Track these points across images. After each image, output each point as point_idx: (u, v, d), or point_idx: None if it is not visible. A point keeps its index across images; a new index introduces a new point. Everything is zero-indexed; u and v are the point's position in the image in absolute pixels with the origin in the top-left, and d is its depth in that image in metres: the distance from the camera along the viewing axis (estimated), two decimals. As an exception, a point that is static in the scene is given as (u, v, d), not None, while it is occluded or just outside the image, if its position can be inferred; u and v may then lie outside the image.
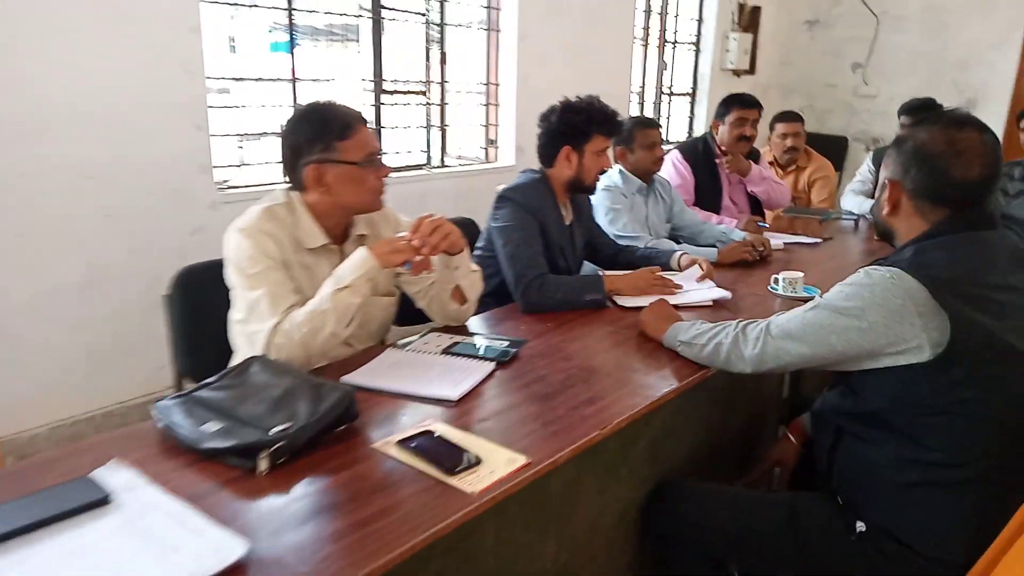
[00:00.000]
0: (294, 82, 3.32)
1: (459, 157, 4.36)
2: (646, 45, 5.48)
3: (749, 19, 6.07)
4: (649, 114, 5.70)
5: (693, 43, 5.96)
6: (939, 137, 1.34)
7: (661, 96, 5.82)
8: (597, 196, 2.66)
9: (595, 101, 2.20)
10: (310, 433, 1.23)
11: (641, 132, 2.77)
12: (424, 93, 4.05)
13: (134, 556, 0.94)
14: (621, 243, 2.54)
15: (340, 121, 1.60)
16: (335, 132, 1.59)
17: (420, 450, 1.24)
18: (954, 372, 1.25)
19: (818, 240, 3.04)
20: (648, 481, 1.63)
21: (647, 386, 1.54)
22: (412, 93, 4.00)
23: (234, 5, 3.09)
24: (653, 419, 1.49)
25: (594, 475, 1.50)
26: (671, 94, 5.94)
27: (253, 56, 3.21)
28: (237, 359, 1.70)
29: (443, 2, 3.99)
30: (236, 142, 3.38)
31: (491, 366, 1.59)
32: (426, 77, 4.03)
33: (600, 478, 1.52)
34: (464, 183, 4.08)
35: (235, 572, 0.93)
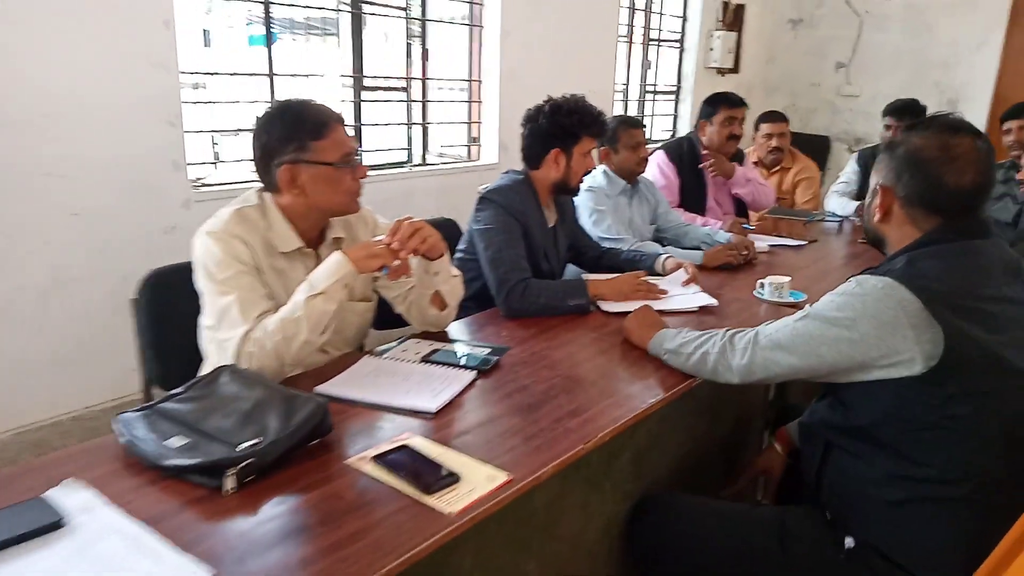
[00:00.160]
0: (271, 77, 3.24)
1: (441, 155, 4.30)
2: (630, 43, 5.44)
3: (733, 17, 6.06)
4: (633, 112, 5.66)
5: (677, 41, 5.94)
6: (933, 143, 1.31)
7: (645, 94, 5.78)
8: (581, 197, 2.61)
9: (583, 101, 2.15)
10: (280, 449, 1.17)
11: (626, 132, 2.72)
12: (405, 90, 3.98)
13: (86, 588, 0.88)
14: (605, 245, 2.49)
15: (315, 120, 1.53)
16: (309, 131, 1.52)
17: (396, 467, 1.19)
18: (947, 386, 1.21)
19: (803, 242, 3.02)
20: (632, 494, 1.59)
21: (632, 396, 1.49)
22: (393, 89, 3.93)
23: (209, -3, 3.01)
24: (638, 430, 1.45)
25: (577, 490, 1.45)
26: (655, 92, 5.90)
27: (230, 50, 3.11)
28: (208, 367, 1.64)
29: (425, -3, 3.93)
30: (211, 139, 3.29)
31: (472, 375, 1.53)
32: (407, 73, 3.96)
33: (583, 492, 1.47)
34: (446, 182, 4.01)
35: (195, 605, 0.88)
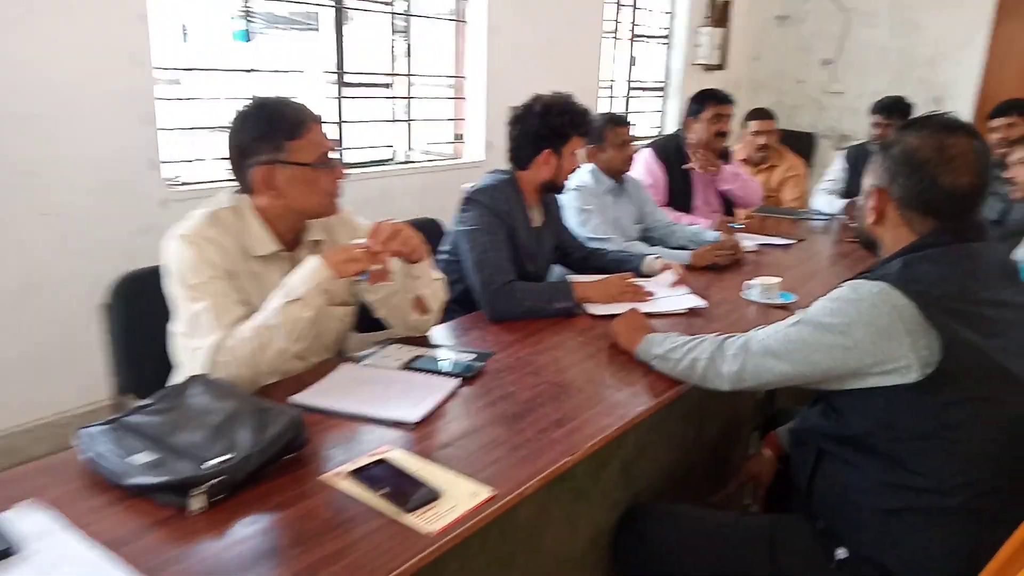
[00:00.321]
0: (250, 73, 3.17)
1: (425, 153, 4.24)
2: (616, 39, 5.40)
3: (720, 13, 6.03)
4: (619, 110, 5.62)
5: (664, 37, 5.90)
6: (928, 143, 1.27)
7: (631, 91, 5.74)
8: (566, 196, 2.57)
9: (572, 100, 2.11)
10: (252, 466, 1.12)
11: (612, 130, 2.68)
12: (389, 86, 3.92)
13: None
14: (591, 246, 2.45)
15: (290, 119, 1.47)
16: (285, 131, 1.46)
17: (374, 483, 1.14)
18: (943, 394, 1.18)
19: (791, 241, 2.99)
20: (620, 504, 1.55)
21: (619, 404, 1.45)
22: (376, 86, 3.86)
23: (185, -9, 2.93)
24: (626, 439, 1.41)
25: (563, 501, 1.41)
26: (641, 89, 5.86)
27: (209, 46, 3.03)
28: (180, 375, 1.58)
29: (408, -9, 3.86)
30: (188, 136, 3.21)
31: (455, 383, 1.49)
32: (391, 69, 3.89)
33: (570, 504, 1.43)
34: (430, 180, 3.95)
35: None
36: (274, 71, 3.34)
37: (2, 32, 2.31)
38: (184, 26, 3.03)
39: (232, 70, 3.14)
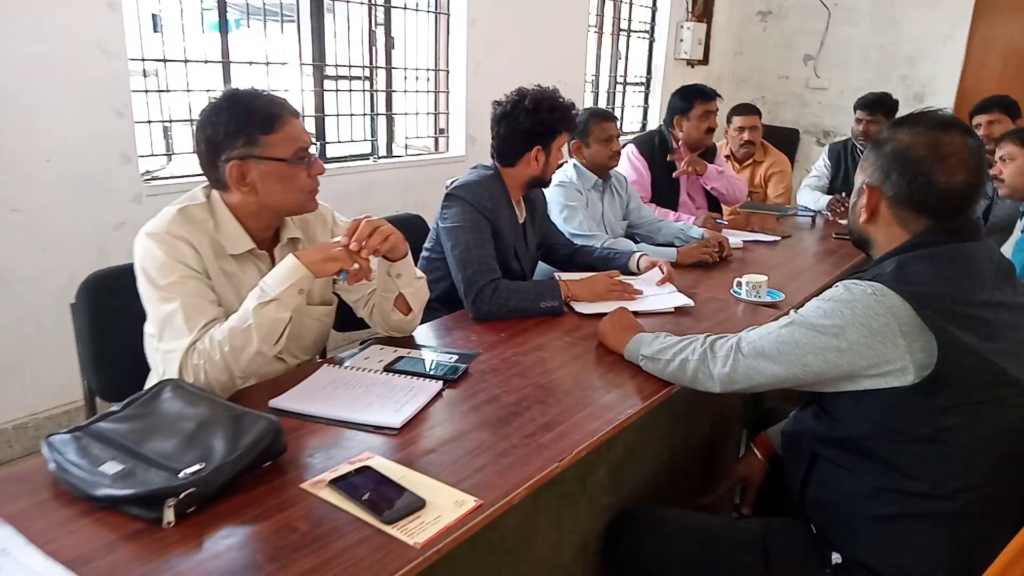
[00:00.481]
0: (227, 65, 3.09)
1: (407, 147, 4.18)
2: (600, 33, 5.36)
3: (702, 8, 6.01)
4: (603, 104, 5.59)
5: (647, 32, 5.87)
6: (922, 140, 1.24)
7: (615, 86, 5.71)
8: (551, 192, 2.53)
9: (559, 95, 2.06)
10: (226, 476, 1.07)
11: (597, 125, 2.64)
12: (369, 79, 3.85)
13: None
14: (577, 242, 2.41)
15: (264, 112, 1.41)
16: (259, 125, 1.40)
17: (355, 492, 1.09)
18: (940, 397, 1.15)
19: (776, 238, 2.97)
20: (608, 510, 1.51)
21: (608, 407, 1.41)
22: (356, 79, 3.79)
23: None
24: (614, 443, 1.37)
25: (551, 508, 1.37)
26: (625, 84, 5.83)
27: (184, 36, 2.95)
28: (154, 378, 1.52)
29: (389, -17, 3.79)
30: (164, 129, 3.12)
31: (438, 386, 1.44)
32: (371, 62, 3.82)
33: (557, 510, 1.39)
34: (412, 174, 3.89)
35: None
36: (252, 63, 3.26)
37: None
38: (156, 16, 2.93)
39: (209, 62, 3.06)
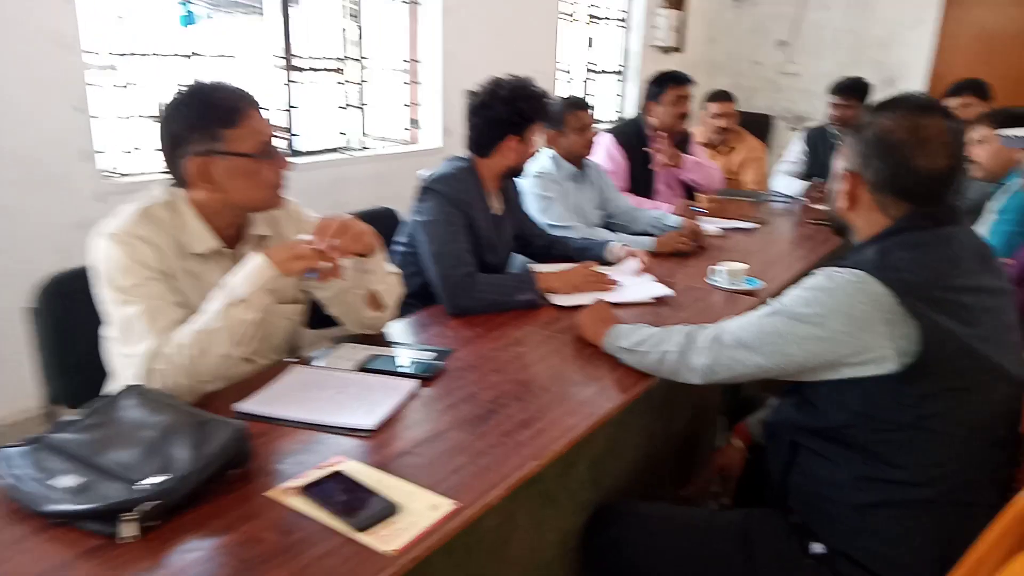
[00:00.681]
0: (192, 58, 3.01)
1: (380, 140, 4.11)
2: (573, 21, 5.31)
3: (677, -5, 5.98)
4: (578, 93, 5.54)
5: (621, 19, 5.83)
6: (902, 125, 1.22)
7: (589, 74, 5.67)
8: (527, 183, 2.49)
9: (533, 84, 2.02)
10: (190, 486, 1.02)
11: (572, 114, 2.60)
12: (340, 71, 3.77)
13: None
14: (554, 233, 2.37)
15: (226, 105, 1.35)
16: (221, 118, 1.34)
17: (326, 499, 1.05)
18: (921, 384, 1.14)
19: (753, 224, 2.96)
20: (588, 505, 1.48)
21: (587, 402, 1.38)
22: (326, 71, 3.72)
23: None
24: (594, 437, 1.34)
25: (530, 507, 1.33)
26: (600, 72, 5.80)
27: (147, 30, 2.86)
28: (115, 384, 1.46)
29: (358, -29, 3.71)
30: (126, 126, 3.03)
31: (413, 384, 1.40)
32: (342, 54, 3.75)
33: (536, 508, 1.36)
34: (385, 167, 3.83)
35: None
36: (218, 56, 3.17)
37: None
38: (117, 9, 2.84)
39: (172, 55, 2.97)
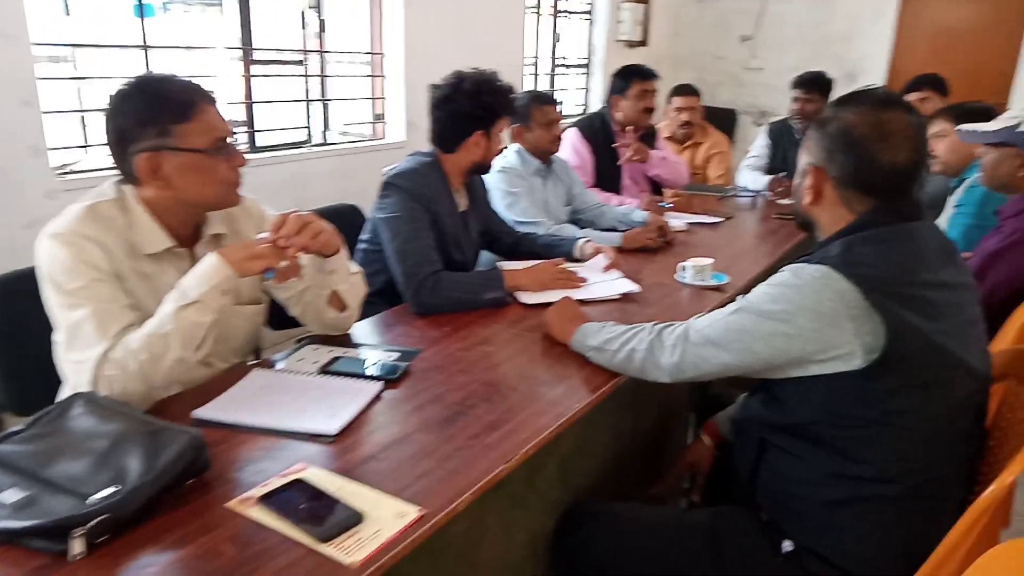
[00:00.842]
0: (148, 50, 2.91)
1: (343, 134, 4.04)
2: (539, 14, 5.28)
3: (641, -11, 5.99)
4: (544, 87, 5.52)
5: (586, 13, 5.82)
6: (866, 119, 1.22)
7: (556, 68, 5.65)
8: (492, 178, 2.46)
9: (498, 78, 1.99)
10: (142, 499, 0.98)
11: (539, 109, 2.57)
12: (301, 63, 3.70)
13: None
14: (521, 230, 2.35)
15: (177, 99, 1.30)
16: (172, 113, 1.29)
17: (286, 508, 1.02)
18: (888, 380, 1.14)
19: (719, 219, 2.97)
20: (558, 505, 1.47)
21: (556, 402, 1.36)
22: (288, 63, 3.64)
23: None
24: (563, 437, 1.32)
25: (498, 510, 1.31)
26: (565, 65, 5.78)
27: (100, 21, 2.76)
28: (67, 391, 1.41)
29: (319, -38, 3.64)
30: (80, 120, 2.93)
31: (378, 387, 1.37)
32: (303, 46, 3.67)
33: (505, 510, 1.33)
34: (349, 162, 3.77)
35: None
36: (173, 47, 3.08)
37: None
38: (67, -2, 2.74)
39: (126, 46, 2.87)
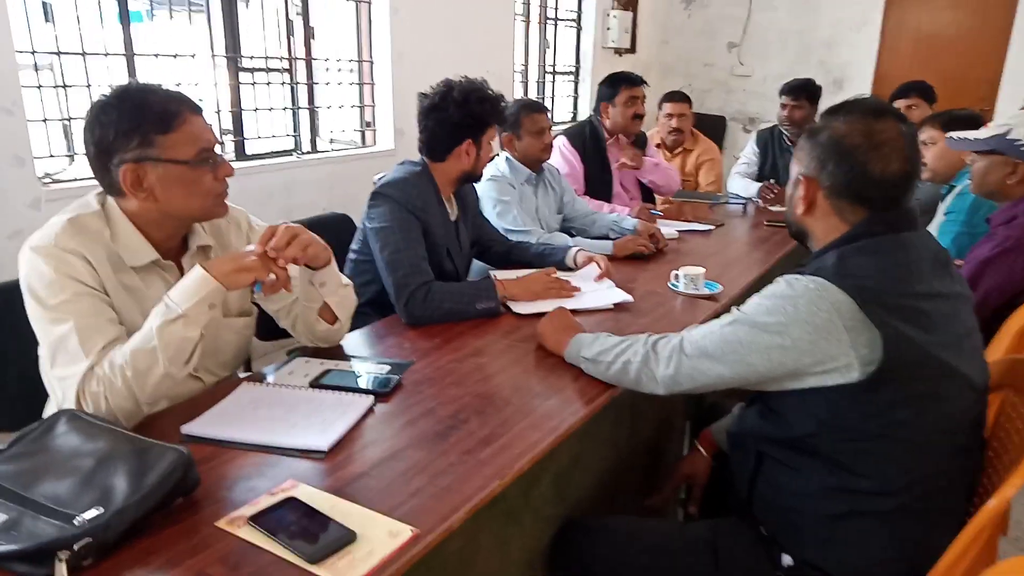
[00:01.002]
0: (131, 58, 2.88)
1: (332, 142, 4.02)
2: (527, 22, 5.29)
3: (628, -3, 6.01)
4: (533, 94, 5.53)
5: (574, 20, 5.83)
6: (857, 129, 1.22)
7: (545, 75, 5.65)
8: (483, 187, 2.45)
9: (487, 86, 1.98)
10: (129, 520, 0.96)
11: (528, 117, 2.56)
12: (288, 71, 3.68)
13: None
14: (512, 239, 2.34)
15: (160, 109, 1.27)
16: (155, 123, 1.25)
17: (277, 528, 1.00)
18: (886, 392, 1.13)
19: (710, 227, 2.97)
20: (554, 521, 1.45)
21: (550, 415, 1.34)
22: (274, 71, 3.61)
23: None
24: (558, 451, 1.30)
25: (493, 527, 1.29)
26: (554, 73, 5.79)
27: (83, 28, 2.73)
28: (52, 407, 1.38)
29: (306, -30, 3.62)
30: (64, 129, 2.89)
31: (369, 400, 1.35)
32: (289, 53, 3.65)
33: (500, 527, 1.31)
34: (338, 170, 3.75)
35: None
36: (158, 55, 3.05)
37: None
38: (46, 4, 2.70)
39: (109, 54, 2.84)
